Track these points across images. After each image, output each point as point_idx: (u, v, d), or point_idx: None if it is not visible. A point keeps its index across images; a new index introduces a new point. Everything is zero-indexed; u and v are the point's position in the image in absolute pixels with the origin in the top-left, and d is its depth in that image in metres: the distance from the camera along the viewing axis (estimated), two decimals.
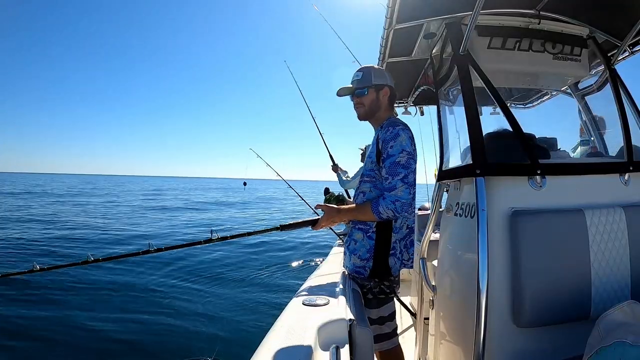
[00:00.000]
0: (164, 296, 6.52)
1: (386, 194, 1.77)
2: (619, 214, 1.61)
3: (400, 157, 1.78)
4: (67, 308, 5.79)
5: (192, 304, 6.11)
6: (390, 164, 1.78)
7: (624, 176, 1.77)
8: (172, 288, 6.93)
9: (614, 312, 1.20)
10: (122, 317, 5.50)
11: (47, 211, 18.88)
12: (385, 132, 1.86)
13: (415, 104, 3.80)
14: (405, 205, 1.75)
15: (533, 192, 1.63)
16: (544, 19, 2.05)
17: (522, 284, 1.50)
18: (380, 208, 1.76)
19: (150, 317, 5.57)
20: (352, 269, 1.95)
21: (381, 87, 1.98)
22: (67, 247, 10.43)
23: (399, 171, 1.76)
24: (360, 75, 1.99)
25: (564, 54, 2.06)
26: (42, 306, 5.80)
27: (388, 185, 1.78)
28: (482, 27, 1.99)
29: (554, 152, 1.97)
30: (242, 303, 6.31)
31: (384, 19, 2.01)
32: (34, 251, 9.66)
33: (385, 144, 1.83)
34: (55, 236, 12.08)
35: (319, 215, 2.06)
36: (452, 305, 1.89)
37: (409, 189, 1.76)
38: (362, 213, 1.88)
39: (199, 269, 8.26)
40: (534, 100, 3.01)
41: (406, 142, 1.82)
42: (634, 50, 2.28)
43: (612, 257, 1.58)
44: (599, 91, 2.27)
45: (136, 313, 5.71)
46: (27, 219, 15.70)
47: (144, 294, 6.61)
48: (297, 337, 1.25)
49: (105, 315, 5.53)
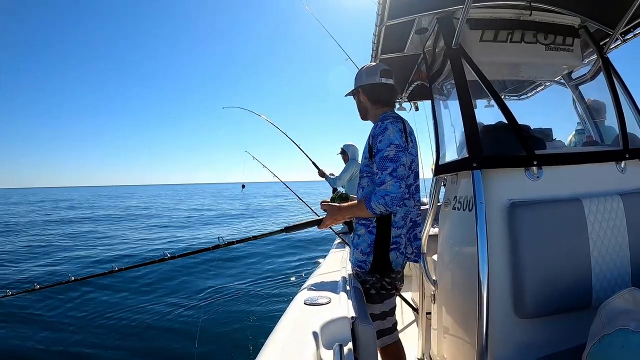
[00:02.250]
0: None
1: (377, 189, 1.77)
2: (616, 201, 1.61)
3: (388, 150, 1.77)
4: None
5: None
6: (380, 158, 1.78)
7: (620, 164, 1.78)
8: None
9: (615, 299, 1.20)
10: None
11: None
12: (374, 127, 1.88)
13: (409, 100, 3.80)
14: (396, 199, 1.74)
15: (530, 183, 1.64)
16: (535, 10, 2.05)
17: (522, 275, 1.50)
18: (372, 204, 1.76)
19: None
20: (354, 263, 1.98)
21: (357, 92, 2.05)
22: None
23: (387, 165, 1.75)
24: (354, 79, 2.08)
25: (556, 44, 2.06)
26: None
27: (378, 180, 1.78)
28: (473, 21, 1.99)
29: (550, 143, 1.97)
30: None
31: (376, 15, 2.00)
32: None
33: (374, 139, 1.84)
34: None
35: (324, 215, 2.10)
36: (453, 298, 1.90)
37: (399, 182, 1.74)
38: (359, 209, 1.90)
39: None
40: (528, 91, 3.02)
41: (394, 134, 1.80)
42: (625, 38, 2.29)
43: (612, 245, 1.59)
44: (592, 80, 2.27)
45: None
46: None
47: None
48: (301, 336, 1.25)
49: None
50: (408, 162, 1.85)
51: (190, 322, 5.59)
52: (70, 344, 4.95)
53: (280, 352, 1.16)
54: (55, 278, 7.55)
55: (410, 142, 1.89)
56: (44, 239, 14.25)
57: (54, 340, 5.03)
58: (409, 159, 1.85)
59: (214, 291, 7.06)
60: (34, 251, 11.49)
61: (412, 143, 1.93)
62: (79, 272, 7.82)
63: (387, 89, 2.00)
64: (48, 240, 13.73)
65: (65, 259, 10.23)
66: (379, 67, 2.00)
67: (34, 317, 5.81)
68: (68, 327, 5.46)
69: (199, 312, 5.96)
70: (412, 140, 1.92)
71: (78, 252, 11.17)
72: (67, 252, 11.10)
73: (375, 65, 2.04)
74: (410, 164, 1.89)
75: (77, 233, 15.83)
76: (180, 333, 5.26)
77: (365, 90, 2.01)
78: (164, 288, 7.25)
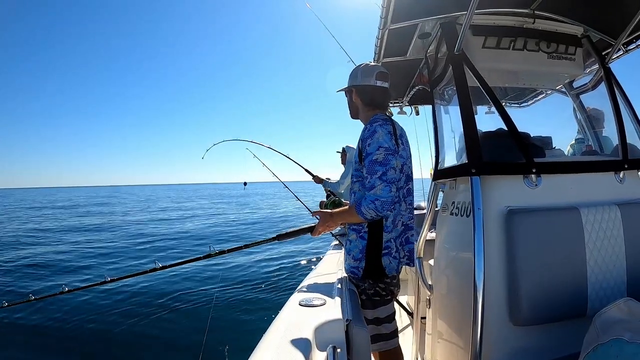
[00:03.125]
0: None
1: (367, 194, 1.73)
2: (614, 211, 1.61)
3: (377, 154, 1.73)
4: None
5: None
6: (369, 162, 1.75)
7: (619, 174, 1.78)
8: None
9: (610, 309, 1.20)
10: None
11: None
12: (364, 131, 1.84)
13: (410, 104, 3.80)
14: (386, 203, 1.70)
15: (528, 191, 1.64)
16: (539, 18, 2.05)
17: (518, 282, 1.50)
18: (362, 209, 1.73)
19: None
20: (347, 269, 1.94)
21: (350, 90, 2.02)
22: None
23: (377, 169, 1.71)
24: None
25: (558, 53, 2.07)
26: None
27: (368, 184, 1.74)
28: (476, 27, 1.99)
29: (549, 151, 1.97)
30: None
31: (379, 19, 2.01)
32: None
33: (364, 143, 1.80)
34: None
35: (316, 222, 2.07)
36: (448, 304, 1.89)
37: (389, 186, 1.70)
38: (350, 215, 1.86)
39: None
40: (529, 99, 3.02)
41: (384, 137, 1.75)
42: (628, 48, 2.29)
43: (608, 255, 1.59)
44: (593, 90, 2.28)
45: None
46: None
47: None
48: (294, 337, 1.25)
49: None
50: (399, 165, 1.81)
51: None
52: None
53: (274, 352, 1.16)
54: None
55: (400, 145, 1.85)
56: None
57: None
58: (399, 162, 1.81)
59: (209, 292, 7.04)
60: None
61: (403, 145, 1.89)
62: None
63: (381, 93, 1.96)
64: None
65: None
66: (375, 69, 1.95)
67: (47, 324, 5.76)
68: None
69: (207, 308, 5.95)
70: (403, 143, 1.89)
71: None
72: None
73: (373, 66, 1.98)
74: (402, 166, 1.85)
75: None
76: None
77: (358, 91, 1.97)
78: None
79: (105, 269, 9.44)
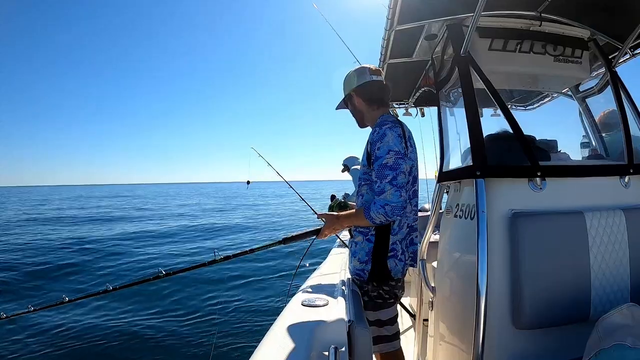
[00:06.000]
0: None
1: (376, 199, 1.72)
2: (619, 216, 1.61)
3: (387, 158, 1.72)
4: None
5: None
6: (378, 166, 1.73)
7: (624, 179, 1.77)
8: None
9: (613, 314, 1.20)
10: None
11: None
12: (372, 134, 1.83)
13: (416, 105, 3.79)
14: (396, 208, 1.68)
15: (533, 194, 1.63)
16: (545, 20, 2.04)
17: (521, 285, 1.49)
18: (372, 213, 1.71)
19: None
20: (352, 272, 1.93)
21: (350, 97, 2.00)
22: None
23: (387, 173, 1.70)
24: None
25: (565, 56, 2.06)
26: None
27: (377, 189, 1.72)
28: (483, 29, 1.99)
29: (554, 155, 1.97)
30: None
31: (385, 19, 2.01)
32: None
33: (373, 146, 1.79)
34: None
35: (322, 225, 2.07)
36: (451, 306, 1.89)
37: (399, 191, 1.68)
38: (358, 219, 1.86)
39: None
40: (535, 102, 3.01)
41: (394, 141, 1.74)
42: (635, 52, 2.28)
43: (612, 260, 1.58)
44: (599, 93, 2.27)
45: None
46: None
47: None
48: (296, 337, 1.26)
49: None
50: (408, 169, 1.79)
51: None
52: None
53: (276, 351, 1.16)
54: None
55: (409, 147, 1.84)
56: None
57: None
58: (408, 165, 1.80)
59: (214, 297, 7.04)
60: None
61: (412, 147, 1.88)
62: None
63: (379, 86, 1.96)
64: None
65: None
66: (366, 66, 1.97)
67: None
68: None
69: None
70: (411, 145, 1.88)
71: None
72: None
73: (363, 66, 2.00)
74: (410, 169, 1.84)
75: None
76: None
77: (358, 92, 1.96)
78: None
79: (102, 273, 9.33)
